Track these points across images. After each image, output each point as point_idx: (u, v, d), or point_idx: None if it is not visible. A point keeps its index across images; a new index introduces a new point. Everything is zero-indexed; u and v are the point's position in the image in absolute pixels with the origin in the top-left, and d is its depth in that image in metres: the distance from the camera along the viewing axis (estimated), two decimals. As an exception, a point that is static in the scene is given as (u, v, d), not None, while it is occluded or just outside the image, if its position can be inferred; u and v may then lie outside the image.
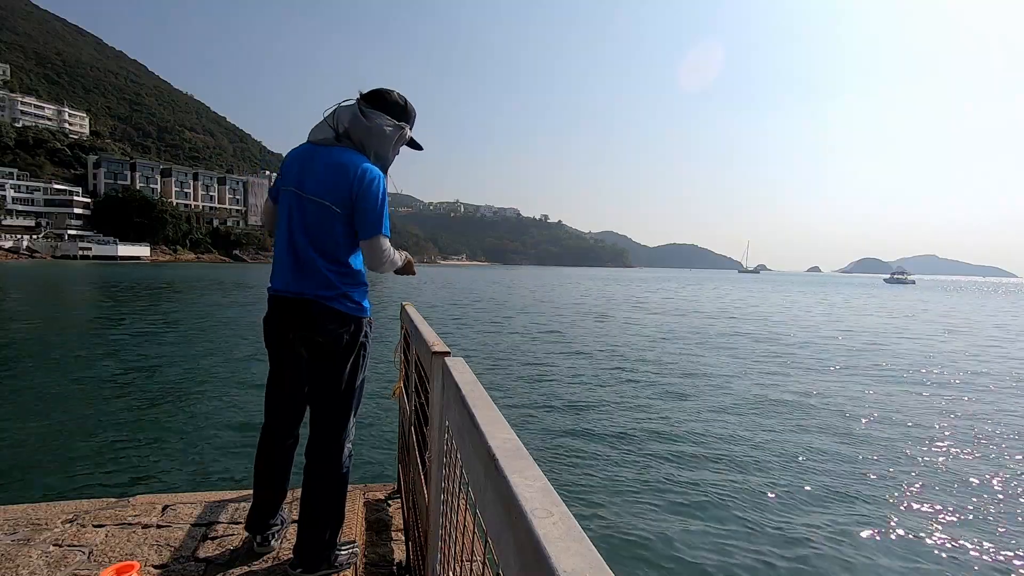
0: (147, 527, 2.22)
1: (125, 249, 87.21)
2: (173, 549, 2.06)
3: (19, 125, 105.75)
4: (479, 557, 0.85)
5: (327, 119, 1.93)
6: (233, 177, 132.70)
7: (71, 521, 2.25)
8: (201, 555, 2.02)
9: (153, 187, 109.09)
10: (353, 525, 2.32)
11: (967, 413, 8.91)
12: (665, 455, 6.38)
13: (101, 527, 2.21)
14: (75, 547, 2.05)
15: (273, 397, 2.03)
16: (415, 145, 2.09)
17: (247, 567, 1.96)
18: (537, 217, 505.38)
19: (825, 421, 8.10)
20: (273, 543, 2.06)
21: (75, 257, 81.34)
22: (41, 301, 23.54)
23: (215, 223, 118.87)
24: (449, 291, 38.62)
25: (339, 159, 1.85)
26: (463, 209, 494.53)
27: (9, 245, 79.09)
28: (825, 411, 8.68)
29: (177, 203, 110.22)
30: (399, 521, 2.62)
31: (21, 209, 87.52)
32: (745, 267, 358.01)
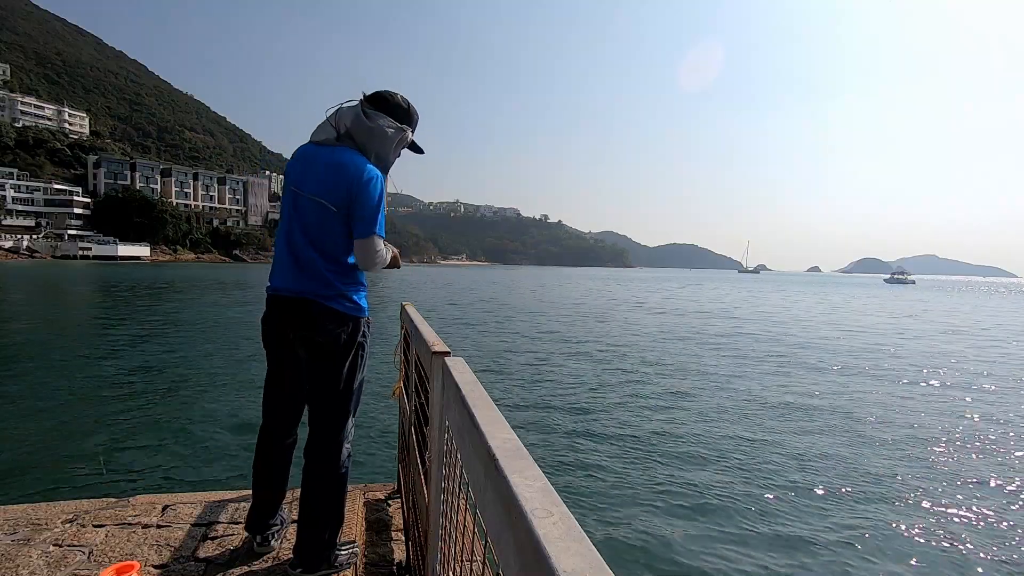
0: (147, 527, 2.22)
1: (125, 249, 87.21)
2: (173, 549, 2.06)
3: (19, 125, 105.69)
4: (479, 557, 0.85)
5: (329, 119, 1.93)
6: (233, 177, 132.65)
7: (71, 521, 2.25)
8: (201, 555, 2.02)
9: (153, 187, 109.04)
10: (353, 525, 2.32)
11: (969, 413, 8.91)
12: (665, 455, 6.38)
13: (101, 527, 2.21)
14: (75, 547, 2.05)
15: (271, 397, 2.03)
16: (416, 148, 2.09)
17: (247, 567, 1.96)
18: (537, 217, 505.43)
19: (825, 422, 8.11)
20: (273, 543, 2.06)
21: (75, 257, 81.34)
22: (41, 301, 23.54)
23: (215, 223, 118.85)
24: (449, 291, 38.61)
25: (339, 159, 1.85)
26: (463, 209, 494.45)
27: (9, 245, 79.10)
28: (825, 411, 8.68)
29: (177, 203, 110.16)
30: (399, 521, 2.61)
31: (21, 209, 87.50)
32: (745, 267, 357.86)
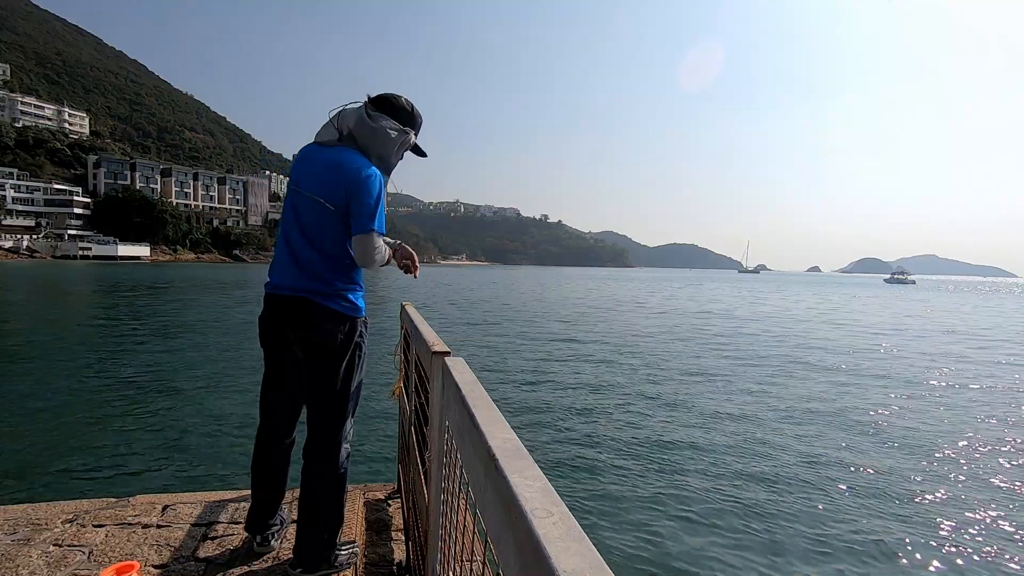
0: (147, 527, 2.22)
1: (125, 249, 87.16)
2: (173, 549, 2.06)
3: (19, 125, 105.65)
4: (479, 557, 0.85)
5: (332, 120, 1.93)
6: (233, 177, 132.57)
7: (71, 521, 2.25)
8: (201, 555, 2.02)
9: (153, 187, 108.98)
10: (353, 525, 2.32)
11: (971, 413, 8.90)
12: (665, 455, 6.38)
13: (101, 527, 2.21)
14: (75, 547, 2.05)
15: (270, 397, 2.03)
16: (419, 152, 2.09)
17: (247, 567, 1.96)
18: (537, 217, 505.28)
19: (825, 422, 8.10)
20: (273, 543, 2.06)
21: (75, 257, 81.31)
22: (41, 301, 23.54)
23: (215, 223, 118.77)
24: (449, 291, 38.61)
25: (338, 158, 1.86)
26: (463, 209, 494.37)
27: (9, 245, 79.08)
28: (825, 411, 8.67)
29: (177, 203, 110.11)
30: (399, 521, 2.61)
31: (21, 209, 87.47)
32: (745, 267, 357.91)
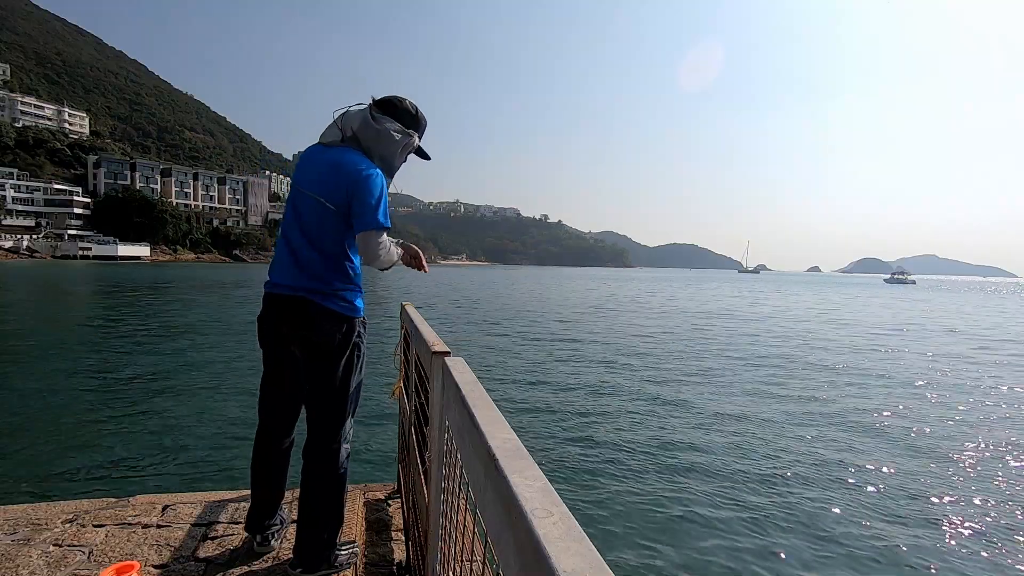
0: (147, 527, 2.22)
1: (125, 249, 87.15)
2: (173, 549, 2.06)
3: (19, 125, 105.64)
4: (479, 557, 0.85)
5: (336, 121, 1.94)
6: (233, 177, 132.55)
7: (71, 521, 2.25)
8: (201, 555, 2.02)
9: (153, 187, 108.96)
10: (353, 525, 2.32)
11: (973, 413, 8.90)
12: (666, 455, 6.38)
13: (101, 527, 2.21)
14: (75, 547, 2.05)
15: (269, 397, 2.03)
16: (423, 155, 2.09)
17: (247, 567, 1.96)
18: (537, 217, 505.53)
19: (824, 422, 8.10)
20: (273, 543, 2.06)
21: (75, 257, 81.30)
22: (41, 301, 23.54)
23: (215, 223, 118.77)
24: (449, 291, 38.61)
25: (339, 158, 1.86)
26: (463, 209, 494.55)
27: (9, 245, 79.06)
28: (825, 412, 8.67)
29: (177, 203, 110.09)
30: (399, 521, 2.61)
31: (21, 209, 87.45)
32: (745, 267, 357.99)
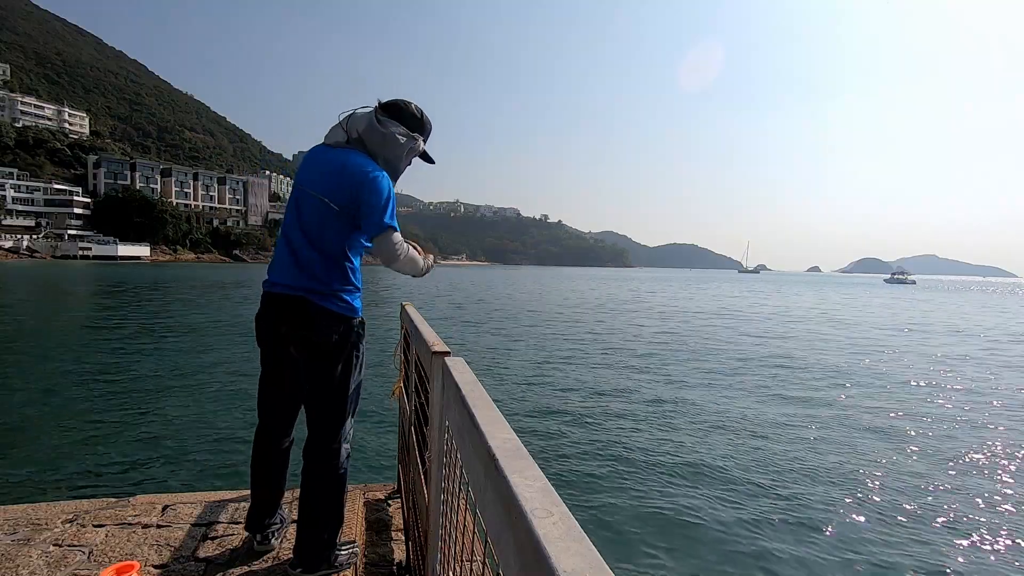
0: (147, 527, 2.22)
1: (125, 249, 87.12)
2: (173, 549, 2.06)
3: (19, 125, 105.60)
4: (479, 557, 0.85)
5: (341, 123, 1.94)
6: (233, 177, 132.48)
7: (71, 521, 2.25)
8: (201, 555, 2.02)
9: (153, 187, 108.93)
10: (353, 525, 2.32)
11: (975, 413, 8.90)
12: (666, 455, 6.38)
13: (101, 527, 2.21)
14: (75, 547, 2.05)
15: (268, 396, 2.03)
16: (428, 158, 2.10)
17: (247, 567, 1.95)
18: (537, 217, 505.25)
19: (825, 422, 8.10)
20: (273, 542, 2.06)
21: (75, 257, 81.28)
22: (41, 301, 23.54)
23: (215, 223, 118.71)
24: (449, 291, 38.60)
25: (345, 159, 1.87)
26: (463, 209, 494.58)
27: (9, 245, 79.04)
28: (825, 412, 8.67)
29: (177, 203, 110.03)
30: (399, 521, 2.61)
31: (21, 209, 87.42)
32: (745, 267, 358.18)
